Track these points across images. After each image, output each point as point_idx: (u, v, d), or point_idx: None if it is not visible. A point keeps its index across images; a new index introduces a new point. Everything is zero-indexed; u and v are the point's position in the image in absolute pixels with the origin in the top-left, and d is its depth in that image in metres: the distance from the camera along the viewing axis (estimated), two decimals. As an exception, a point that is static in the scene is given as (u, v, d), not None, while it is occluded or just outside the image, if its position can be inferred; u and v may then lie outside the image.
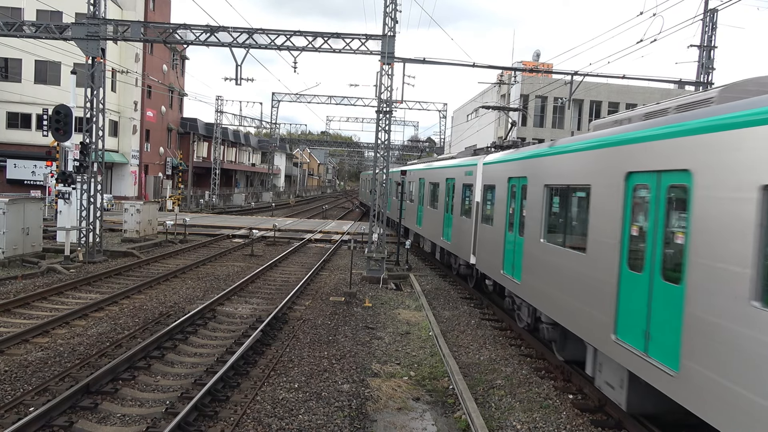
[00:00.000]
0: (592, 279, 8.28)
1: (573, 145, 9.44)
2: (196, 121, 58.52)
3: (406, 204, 27.34)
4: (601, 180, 8.24)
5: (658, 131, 6.92)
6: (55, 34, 19.48)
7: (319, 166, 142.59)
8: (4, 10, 37.26)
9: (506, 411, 8.59)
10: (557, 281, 9.60)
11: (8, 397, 8.06)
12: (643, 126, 7.43)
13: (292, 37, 19.25)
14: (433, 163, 23.42)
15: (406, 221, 26.98)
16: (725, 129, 5.73)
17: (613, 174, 7.84)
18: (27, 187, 39.97)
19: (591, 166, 8.63)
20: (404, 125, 76.13)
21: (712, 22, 24.57)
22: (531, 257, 11.07)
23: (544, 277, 10.28)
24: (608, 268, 7.77)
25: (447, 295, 17.21)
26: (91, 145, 19.50)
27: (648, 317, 6.78)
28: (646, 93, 53.51)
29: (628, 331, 7.19)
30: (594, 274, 8.21)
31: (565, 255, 9.37)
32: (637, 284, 7.08)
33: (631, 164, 7.40)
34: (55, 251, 20.49)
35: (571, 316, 8.98)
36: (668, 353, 6.32)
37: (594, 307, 8.15)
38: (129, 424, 7.53)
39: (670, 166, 6.56)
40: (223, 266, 20.30)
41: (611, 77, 23.85)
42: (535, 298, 10.79)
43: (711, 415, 5.57)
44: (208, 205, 50.54)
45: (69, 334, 11.15)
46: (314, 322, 13.15)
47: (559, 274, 9.55)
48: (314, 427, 7.67)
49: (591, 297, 8.27)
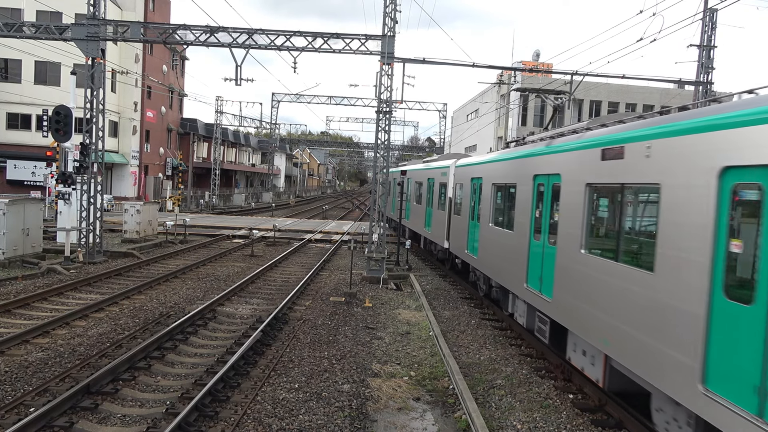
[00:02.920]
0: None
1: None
2: (196, 122, 58.53)
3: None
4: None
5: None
6: (54, 35, 19.48)
7: (319, 167, 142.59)
8: (4, 10, 37.26)
9: (506, 411, 8.59)
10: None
11: (9, 397, 8.06)
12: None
13: (291, 38, 19.25)
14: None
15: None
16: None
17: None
18: (27, 187, 39.98)
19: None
20: (404, 125, 76.13)
21: (711, 21, 24.57)
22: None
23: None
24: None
25: (447, 295, 17.21)
26: (91, 145, 19.50)
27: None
28: (645, 92, 53.52)
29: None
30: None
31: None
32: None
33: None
34: (56, 252, 20.49)
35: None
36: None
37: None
38: (129, 425, 7.53)
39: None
40: (224, 267, 20.30)
41: (611, 77, 23.82)
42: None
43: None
44: (208, 206, 50.54)
45: (69, 335, 11.16)
46: (314, 322, 13.15)
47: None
48: (314, 427, 7.68)
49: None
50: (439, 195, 20.42)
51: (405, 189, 27.78)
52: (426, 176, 23.30)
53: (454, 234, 18.24)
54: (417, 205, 25.15)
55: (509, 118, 55.81)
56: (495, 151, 17.09)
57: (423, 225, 23.52)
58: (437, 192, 20.70)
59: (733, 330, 5.48)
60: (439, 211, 20.18)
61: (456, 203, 18.12)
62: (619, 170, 7.73)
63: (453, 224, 18.40)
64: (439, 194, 20.42)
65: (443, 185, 19.80)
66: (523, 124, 55.42)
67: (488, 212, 14.08)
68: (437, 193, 20.70)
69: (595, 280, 8.21)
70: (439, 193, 20.30)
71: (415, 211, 25.52)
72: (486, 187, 14.46)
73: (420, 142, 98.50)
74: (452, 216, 18.48)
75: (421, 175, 24.46)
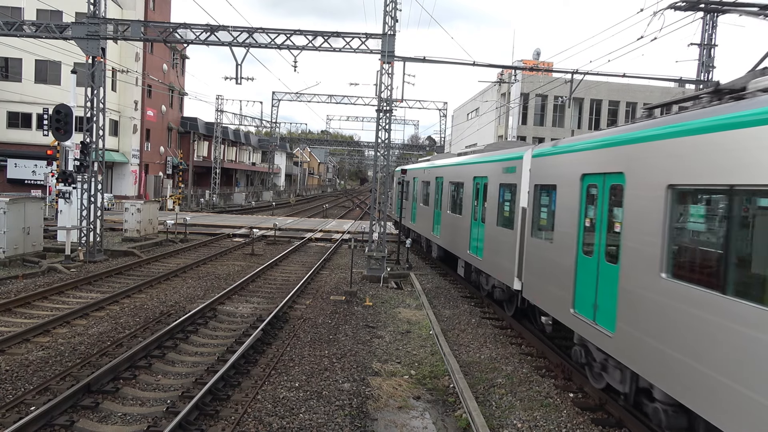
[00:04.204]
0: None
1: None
2: (196, 121, 58.51)
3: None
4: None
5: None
6: (55, 34, 19.47)
7: (319, 165, 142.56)
8: (4, 9, 37.26)
9: (507, 409, 8.60)
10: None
11: (9, 396, 8.07)
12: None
13: (292, 36, 19.25)
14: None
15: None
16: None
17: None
18: (27, 186, 40.00)
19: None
20: (404, 124, 76.23)
21: (712, 20, 24.54)
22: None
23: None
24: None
25: (447, 293, 17.21)
26: (92, 144, 19.50)
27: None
28: (646, 91, 53.46)
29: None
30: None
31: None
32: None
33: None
34: (56, 251, 20.50)
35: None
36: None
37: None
38: (130, 423, 7.53)
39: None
40: (224, 265, 20.31)
41: (611, 75, 23.83)
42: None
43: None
44: (209, 205, 50.54)
45: (70, 334, 11.16)
46: (315, 321, 13.16)
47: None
48: (315, 425, 7.68)
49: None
50: (499, 202, 13.90)
51: (427, 191, 22.05)
52: (465, 174, 16.93)
53: (534, 269, 11.39)
54: (453, 215, 18.18)
55: (510, 116, 55.75)
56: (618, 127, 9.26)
57: (463, 245, 16.74)
58: (494, 197, 14.22)
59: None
60: (500, 228, 13.57)
61: (535, 218, 11.69)
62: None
63: (532, 252, 11.55)
64: (499, 201, 13.90)
65: (507, 188, 13.45)
66: (524, 123, 55.36)
67: (661, 251, 6.89)
68: (494, 199, 14.22)
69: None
70: (500, 200, 13.88)
71: (449, 225, 18.80)
72: (654, 197, 7.15)
73: (420, 141, 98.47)
74: (528, 238, 11.86)
75: (455, 174, 18.20)
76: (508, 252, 12.80)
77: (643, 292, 7.08)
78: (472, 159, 16.95)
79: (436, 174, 21.00)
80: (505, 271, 13.00)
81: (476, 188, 15.99)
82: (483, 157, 15.81)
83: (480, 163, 15.90)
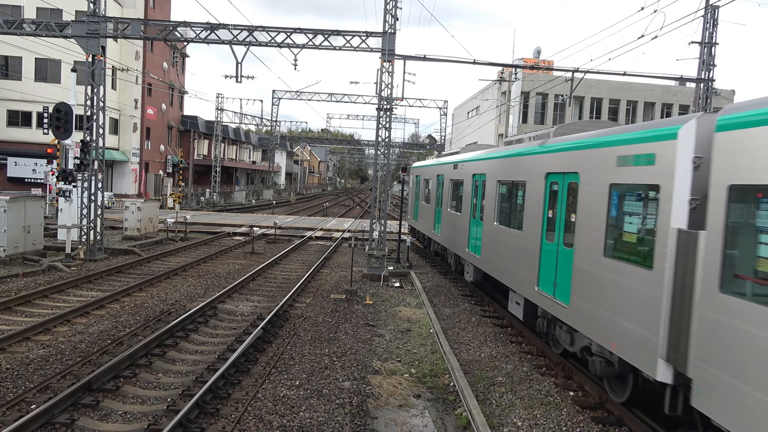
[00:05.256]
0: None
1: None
2: (196, 119, 58.49)
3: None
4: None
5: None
6: (55, 32, 19.45)
7: (319, 164, 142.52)
8: (4, 7, 37.25)
9: (507, 408, 8.60)
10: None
11: (10, 394, 8.08)
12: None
13: (292, 35, 19.23)
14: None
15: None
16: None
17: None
18: (28, 185, 40.01)
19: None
20: (405, 123, 76.21)
21: (713, 18, 24.53)
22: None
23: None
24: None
25: (448, 292, 17.22)
26: (92, 143, 19.50)
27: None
28: (647, 90, 53.42)
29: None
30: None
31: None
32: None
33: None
34: (56, 249, 20.51)
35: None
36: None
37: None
38: (130, 422, 7.54)
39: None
40: (224, 264, 20.31)
41: (612, 74, 23.76)
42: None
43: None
44: (209, 203, 50.56)
45: (70, 332, 11.17)
46: (315, 319, 13.16)
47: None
48: (315, 424, 7.69)
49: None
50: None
51: (459, 193, 17.33)
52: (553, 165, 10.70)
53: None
54: (516, 233, 12.10)
55: (510, 115, 55.72)
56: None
57: (533, 281, 10.96)
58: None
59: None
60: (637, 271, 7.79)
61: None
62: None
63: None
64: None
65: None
66: (524, 122, 55.33)
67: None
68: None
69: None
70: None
71: (506, 244, 12.71)
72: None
73: (421, 140, 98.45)
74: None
75: (512, 169, 12.50)
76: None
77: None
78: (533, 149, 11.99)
79: (473, 170, 15.76)
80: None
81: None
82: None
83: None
